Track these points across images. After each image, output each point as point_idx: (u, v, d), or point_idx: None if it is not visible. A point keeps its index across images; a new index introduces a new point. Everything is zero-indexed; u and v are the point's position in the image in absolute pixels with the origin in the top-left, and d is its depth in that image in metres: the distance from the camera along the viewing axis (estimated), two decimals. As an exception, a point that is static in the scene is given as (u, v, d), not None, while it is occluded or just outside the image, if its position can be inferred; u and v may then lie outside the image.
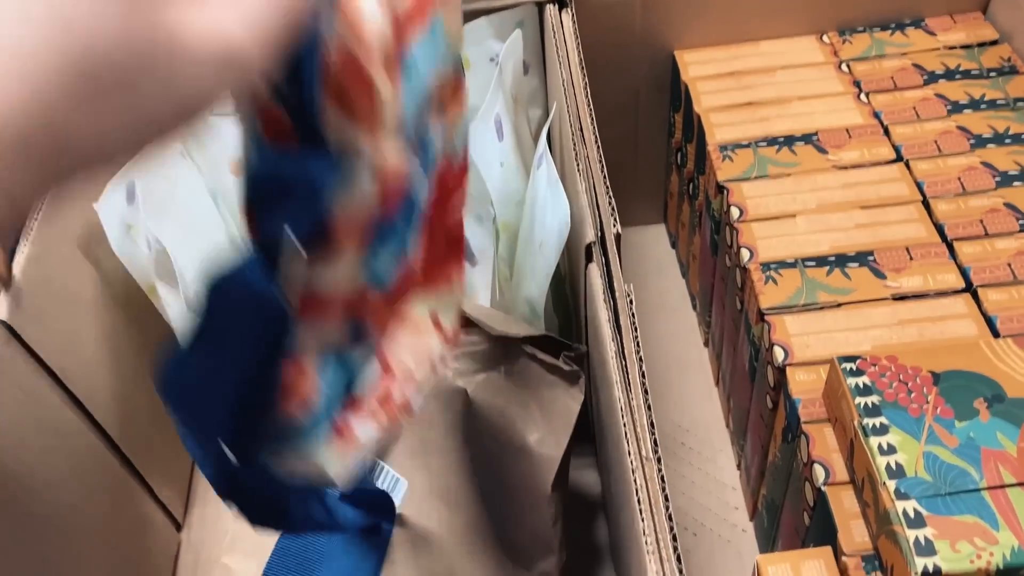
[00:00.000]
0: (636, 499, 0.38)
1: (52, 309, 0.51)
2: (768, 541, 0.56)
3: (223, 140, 0.59)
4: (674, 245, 0.77)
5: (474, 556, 0.51)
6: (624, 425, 0.41)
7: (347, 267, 0.30)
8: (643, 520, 0.38)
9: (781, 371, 0.49)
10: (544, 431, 0.50)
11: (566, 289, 0.62)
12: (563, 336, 0.58)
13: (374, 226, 0.30)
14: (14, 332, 0.47)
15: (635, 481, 0.39)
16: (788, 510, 0.51)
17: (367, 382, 0.35)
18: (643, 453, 0.40)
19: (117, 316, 0.58)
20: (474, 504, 0.52)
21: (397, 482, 0.54)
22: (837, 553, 0.43)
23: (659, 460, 0.40)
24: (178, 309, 0.56)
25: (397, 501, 0.54)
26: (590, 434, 0.61)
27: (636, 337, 0.44)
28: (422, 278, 0.37)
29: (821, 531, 0.45)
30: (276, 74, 0.25)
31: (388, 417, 0.35)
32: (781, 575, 0.42)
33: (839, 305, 0.51)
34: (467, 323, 0.52)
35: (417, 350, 0.37)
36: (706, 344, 0.70)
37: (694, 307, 0.73)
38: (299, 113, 0.26)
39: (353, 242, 0.29)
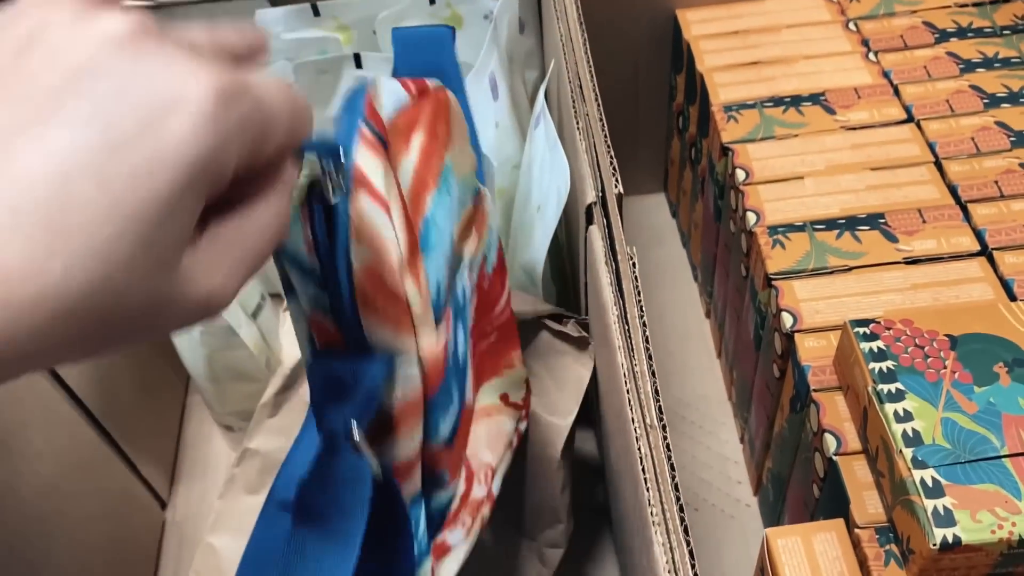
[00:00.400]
0: (640, 468, 0.36)
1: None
2: (773, 515, 0.54)
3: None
4: (675, 214, 0.75)
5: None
6: (627, 392, 0.39)
7: (409, 439, 0.33)
8: (648, 491, 0.36)
9: (789, 338, 0.47)
10: (554, 398, 0.48)
11: (563, 256, 0.60)
12: (560, 305, 0.56)
13: (426, 402, 0.33)
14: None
15: (639, 450, 0.37)
16: (795, 483, 0.49)
17: (452, 501, 0.38)
18: (647, 421, 0.38)
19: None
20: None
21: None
22: (850, 525, 0.41)
23: (664, 428, 0.38)
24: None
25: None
26: (587, 405, 0.59)
27: (639, 301, 0.42)
28: (486, 369, 0.40)
29: (832, 503, 0.43)
30: (317, 289, 0.29)
31: (472, 516, 0.40)
32: (791, 548, 0.40)
33: (849, 269, 0.49)
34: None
35: (491, 437, 0.41)
36: (707, 315, 0.68)
37: (695, 278, 0.71)
38: (343, 321, 0.30)
39: (411, 421, 0.32)
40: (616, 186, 0.46)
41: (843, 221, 0.50)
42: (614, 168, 0.46)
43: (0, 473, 0.45)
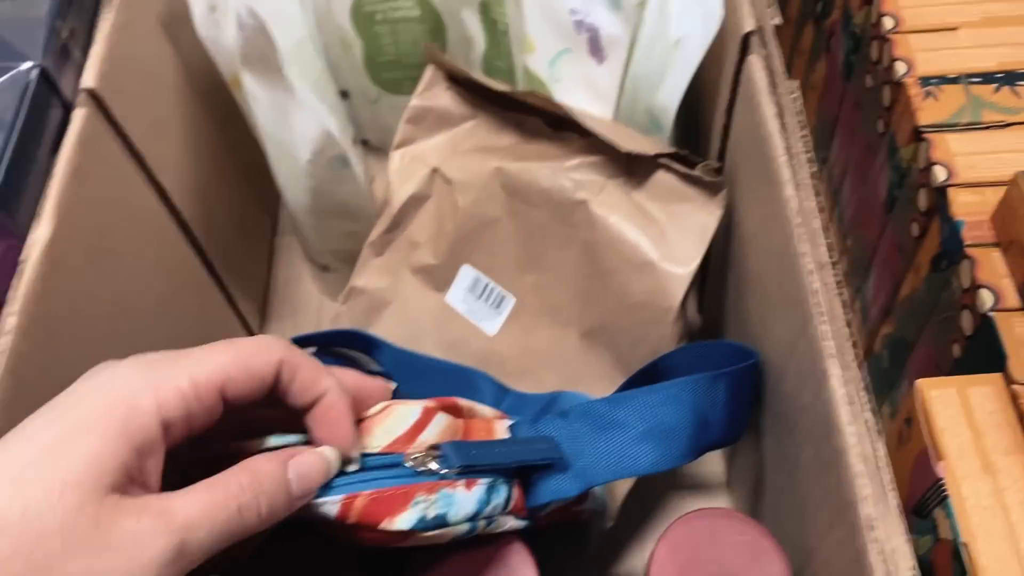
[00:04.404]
0: (814, 302, 0.35)
1: (136, 87, 0.46)
2: (887, 381, 0.53)
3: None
4: (781, 78, 0.72)
5: (588, 377, 0.48)
6: (797, 226, 0.37)
7: None
8: (822, 324, 0.34)
9: (940, 192, 0.45)
10: (673, 247, 0.46)
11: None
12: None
13: None
14: (100, 103, 0.43)
15: (811, 285, 0.35)
16: (926, 345, 0.47)
17: None
18: (819, 259, 0.36)
19: (197, 107, 0.54)
20: (588, 322, 0.48)
21: (503, 299, 0.50)
22: (1007, 381, 0.39)
23: (834, 265, 0.36)
24: (265, 103, 0.51)
25: (502, 318, 0.50)
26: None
27: (804, 136, 0.39)
28: None
29: (978, 362, 0.42)
30: None
31: None
32: (946, 399, 0.39)
33: (1007, 125, 0.46)
34: (589, 133, 0.48)
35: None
36: (814, 183, 0.66)
37: (801, 145, 0.68)
38: None
39: None
40: (774, 17, 0.43)
41: (1001, 75, 0.47)
42: (772, -4, 0.43)
43: (117, 285, 0.43)
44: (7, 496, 0.23)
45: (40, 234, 0.37)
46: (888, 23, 0.50)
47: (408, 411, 0.32)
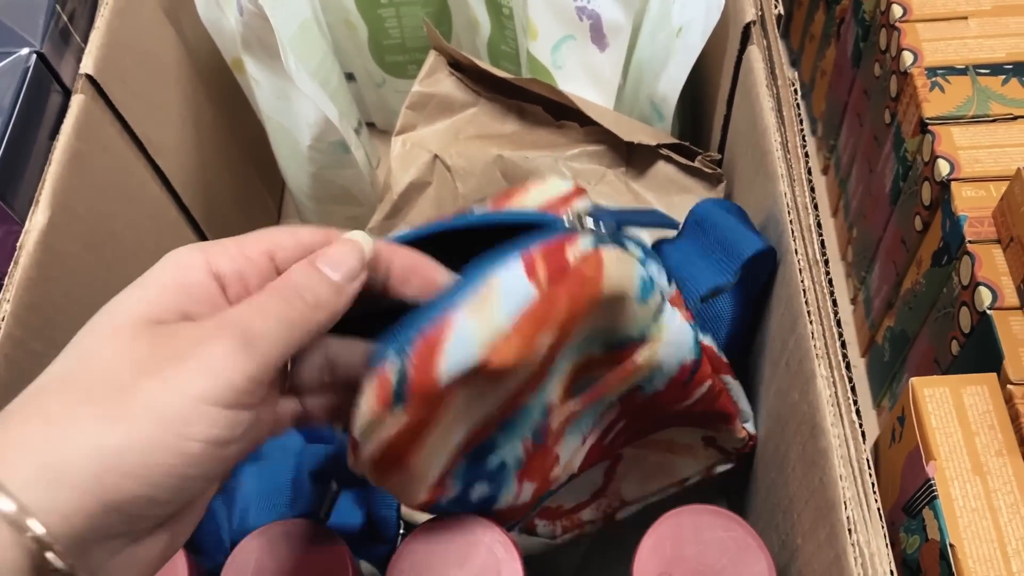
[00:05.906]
0: (803, 300, 0.34)
1: (136, 71, 0.46)
2: (886, 374, 0.53)
3: None
4: (795, 63, 0.71)
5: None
6: (791, 223, 0.36)
7: None
8: (811, 323, 0.34)
9: (944, 186, 0.44)
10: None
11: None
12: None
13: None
14: (99, 88, 0.43)
15: (802, 283, 0.35)
16: (926, 340, 0.47)
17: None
18: (810, 255, 0.36)
19: (199, 90, 0.54)
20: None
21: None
22: (1001, 381, 0.39)
23: (826, 263, 0.36)
24: (267, 88, 0.51)
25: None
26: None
27: (801, 130, 0.39)
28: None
29: (975, 360, 0.41)
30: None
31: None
32: (939, 399, 0.39)
33: (1015, 118, 0.45)
34: (590, 123, 0.47)
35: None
36: (824, 172, 0.65)
37: (813, 132, 0.67)
38: None
39: None
40: (776, 6, 0.42)
41: (1010, 67, 0.46)
42: (775, -14, 0.42)
43: (115, 270, 0.44)
44: (65, 357, 0.24)
45: (36, 221, 0.38)
46: (897, 11, 0.49)
47: (564, 183, 0.34)
